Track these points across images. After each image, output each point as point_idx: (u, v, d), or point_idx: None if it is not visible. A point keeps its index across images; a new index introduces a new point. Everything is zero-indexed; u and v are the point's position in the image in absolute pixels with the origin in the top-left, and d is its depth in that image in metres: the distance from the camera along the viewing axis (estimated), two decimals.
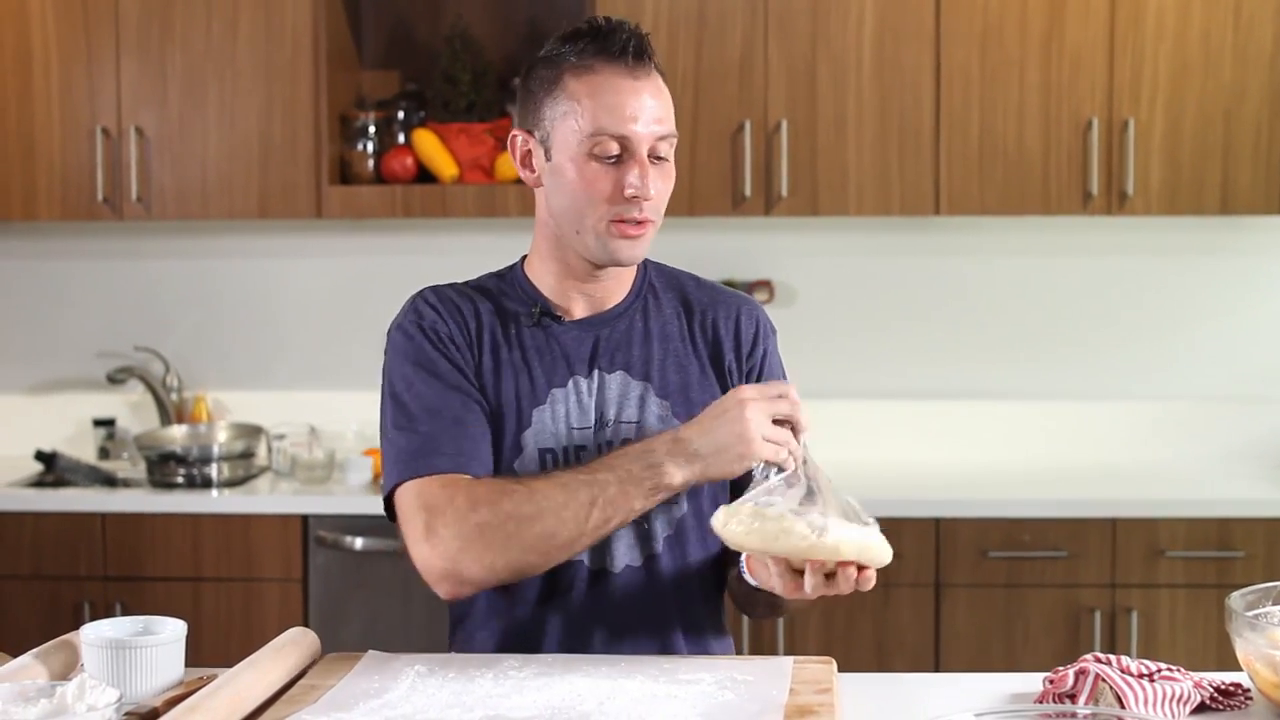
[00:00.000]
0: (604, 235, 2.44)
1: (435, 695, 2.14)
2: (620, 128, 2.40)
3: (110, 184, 4.84)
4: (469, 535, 2.29)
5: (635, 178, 2.40)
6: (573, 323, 2.54)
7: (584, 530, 2.29)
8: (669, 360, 2.56)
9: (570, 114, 2.43)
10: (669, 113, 2.46)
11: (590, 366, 2.52)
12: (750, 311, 2.65)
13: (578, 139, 2.42)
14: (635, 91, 2.41)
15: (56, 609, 4.61)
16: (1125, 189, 4.66)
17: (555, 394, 2.50)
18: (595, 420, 2.51)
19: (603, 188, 2.42)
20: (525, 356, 2.51)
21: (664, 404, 2.53)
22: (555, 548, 2.30)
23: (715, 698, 2.12)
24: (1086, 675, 2.11)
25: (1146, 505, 4.49)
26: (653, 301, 2.61)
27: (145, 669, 2.17)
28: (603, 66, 2.42)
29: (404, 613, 4.60)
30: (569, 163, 2.44)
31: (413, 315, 2.53)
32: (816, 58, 4.71)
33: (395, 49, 5.18)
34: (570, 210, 2.46)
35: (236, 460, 4.85)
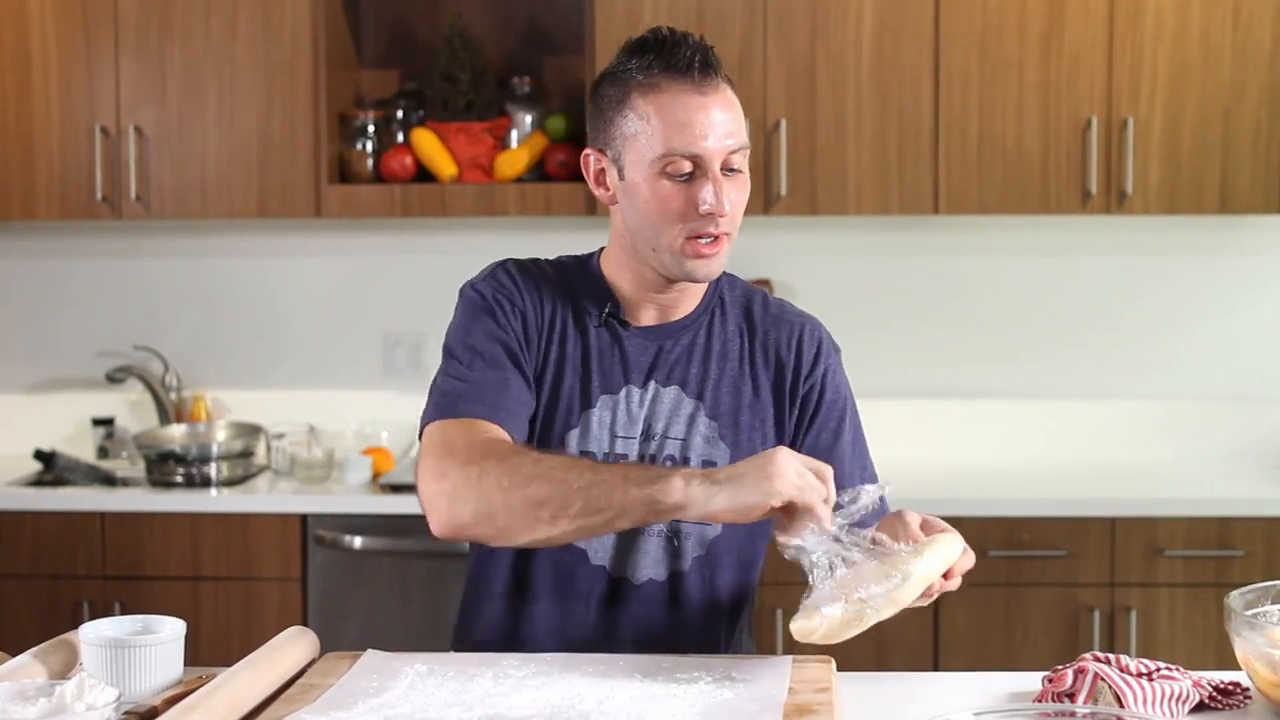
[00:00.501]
0: (679, 254, 2.43)
1: (434, 694, 2.14)
2: (691, 147, 2.38)
3: (109, 183, 4.84)
4: (470, 477, 2.26)
5: (709, 194, 2.39)
6: (638, 329, 2.54)
7: (569, 511, 2.21)
8: (724, 380, 2.56)
9: (640, 134, 2.42)
10: (740, 124, 2.44)
11: (647, 377, 2.52)
12: (813, 332, 2.63)
13: (649, 159, 2.41)
14: (703, 108, 2.40)
15: (55, 608, 4.61)
16: (1124, 188, 4.66)
17: (605, 400, 2.50)
18: (642, 431, 2.51)
19: (676, 206, 2.40)
20: (587, 356, 2.52)
21: (712, 425, 2.54)
22: (538, 519, 2.22)
23: (714, 696, 2.12)
24: (1085, 674, 2.11)
25: (1145, 504, 4.49)
26: (719, 317, 2.60)
27: (144, 668, 2.17)
28: (669, 83, 2.41)
29: (403, 612, 4.60)
30: (642, 182, 2.43)
31: (491, 281, 2.54)
32: (815, 57, 4.71)
33: (394, 48, 5.18)
34: (646, 229, 2.45)
35: (235, 459, 4.85)
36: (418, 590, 4.59)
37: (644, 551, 2.48)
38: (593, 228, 4.94)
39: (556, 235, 5.05)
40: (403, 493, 4.61)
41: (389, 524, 4.58)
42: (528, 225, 5.07)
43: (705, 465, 2.51)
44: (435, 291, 5.22)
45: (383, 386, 5.25)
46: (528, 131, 4.98)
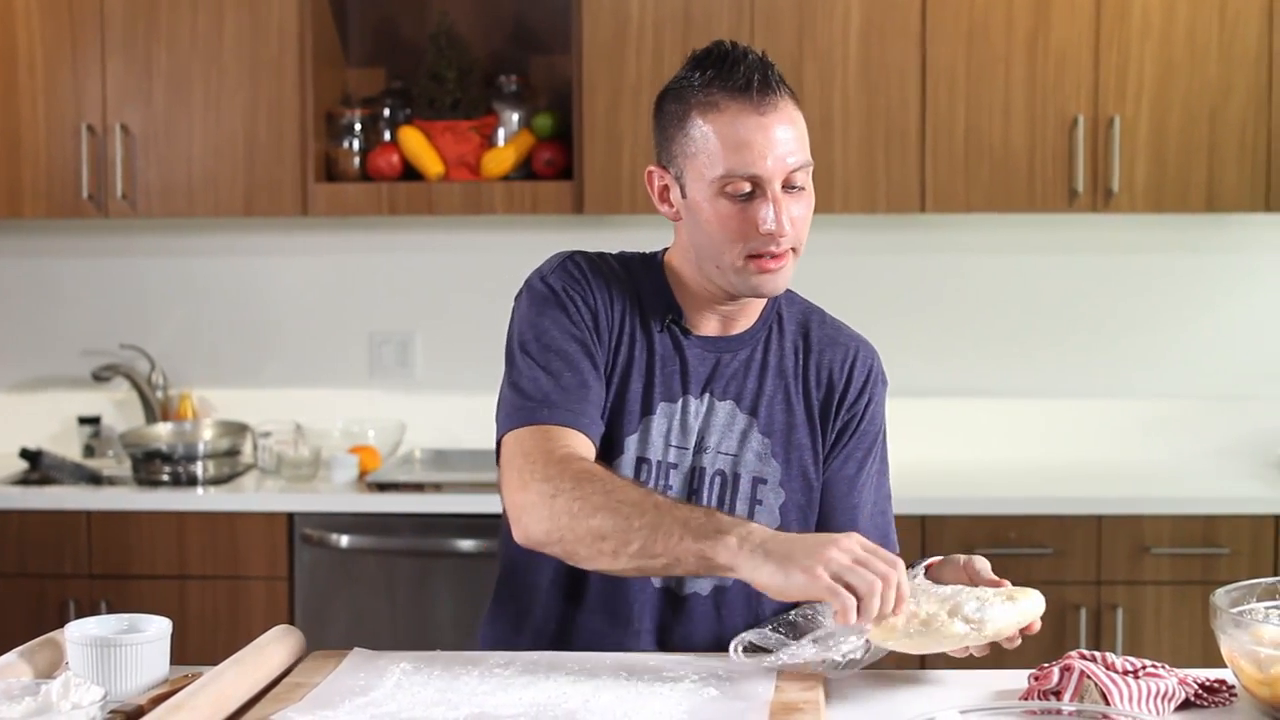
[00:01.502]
0: (742, 272, 2.42)
1: (420, 693, 2.14)
2: (750, 168, 2.37)
3: (95, 181, 4.83)
4: (545, 494, 2.25)
5: (769, 214, 2.37)
6: (699, 339, 2.54)
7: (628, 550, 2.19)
8: (778, 398, 2.56)
9: (700, 153, 2.41)
10: (802, 141, 2.43)
11: (704, 389, 2.52)
12: (865, 359, 2.64)
13: (709, 178, 2.40)
14: (763, 128, 2.38)
15: (41, 607, 4.61)
16: (1111, 186, 4.67)
17: (665, 407, 2.50)
18: (695, 444, 2.51)
19: (736, 226, 2.39)
20: (651, 362, 2.51)
21: (765, 441, 2.54)
22: (601, 551, 2.21)
23: (700, 694, 2.12)
24: (1071, 672, 2.12)
25: (1132, 502, 4.50)
26: (776, 333, 2.60)
27: (130, 667, 2.17)
28: (728, 103, 2.39)
29: (389, 610, 4.59)
30: (703, 201, 2.41)
31: (562, 273, 2.51)
32: (802, 55, 4.71)
33: (381, 46, 5.18)
34: (708, 247, 2.44)
35: (222, 458, 4.84)
36: (404, 589, 4.59)
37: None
38: (579, 226, 4.95)
39: (543, 234, 5.06)
40: (389, 491, 4.61)
41: (375, 522, 4.58)
42: (514, 224, 5.07)
43: (756, 482, 2.54)
44: (422, 290, 5.24)
45: (369, 385, 5.25)
46: (514, 130, 4.98)
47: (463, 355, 5.11)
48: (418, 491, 4.61)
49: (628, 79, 4.72)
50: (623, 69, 4.72)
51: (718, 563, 2.14)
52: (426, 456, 5.09)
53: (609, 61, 4.72)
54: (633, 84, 4.72)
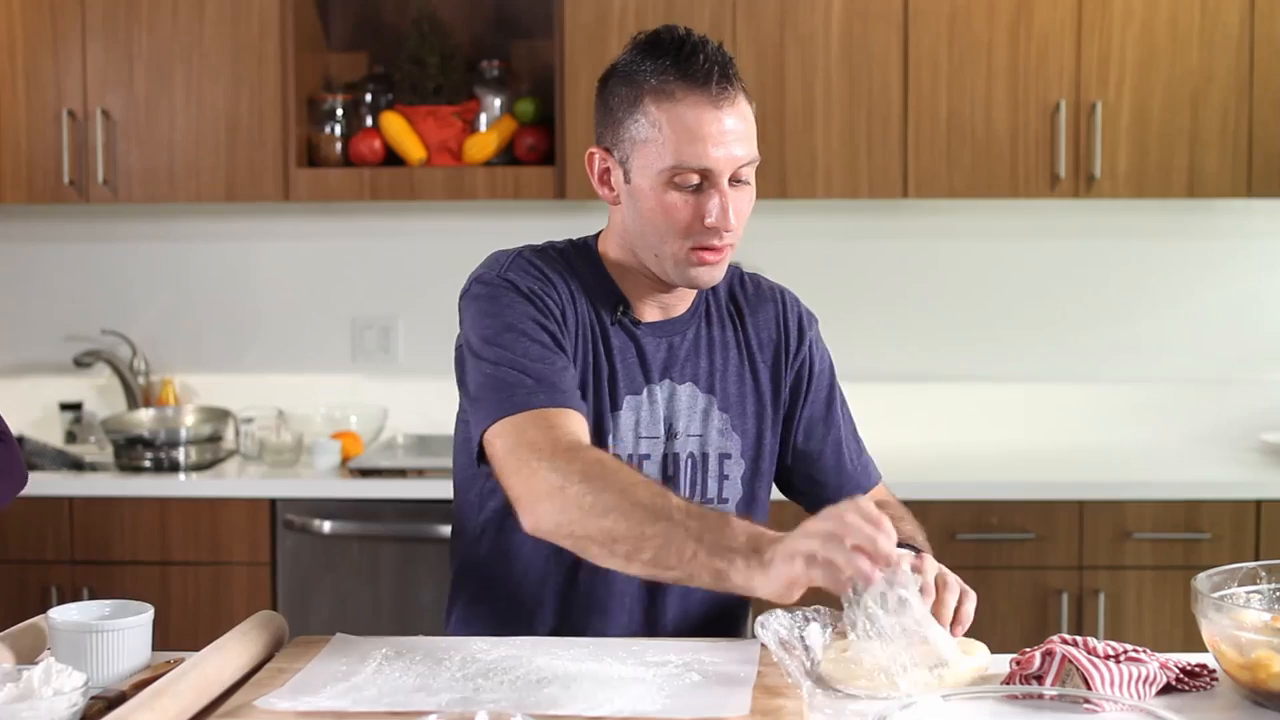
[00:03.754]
0: (682, 263, 2.41)
1: (401, 678, 2.14)
2: (701, 160, 2.35)
3: (76, 167, 4.82)
4: (554, 488, 2.16)
5: (715, 207, 2.36)
6: (648, 325, 2.52)
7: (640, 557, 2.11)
8: (729, 371, 2.57)
9: (651, 141, 2.38)
10: (751, 135, 2.42)
11: (663, 375, 2.52)
12: (793, 305, 2.67)
13: (658, 168, 2.37)
14: (718, 121, 2.36)
15: (23, 593, 4.60)
16: (1093, 172, 4.67)
17: (630, 400, 2.49)
18: (665, 431, 2.51)
19: (682, 217, 2.38)
20: (610, 356, 2.49)
21: (724, 417, 2.55)
22: (613, 553, 2.13)
23: (683, 679, 2.13)
24: (1053, 656, 2.12)
25: (1114, 487, 4.50)
26: (714, 305, 2.60)
27: (112, 653, 2.16)
28: (685, 93, 2.36)
29: (372, 596, 4.59)
30: (648, 189, 2.39)
31: (517, 269, 2.45)
32: (784, 41, 4.71)
33: (362, 31, 5.17)
34: (650, 236, 2.42)
35: (204, 444, 4.83)
36: (387, 574, 4.58)
37: None
38: (561, 211, 4.94)
39: (525, 219, 5.06)
40: (371, 477, 4.60)
41: (358, 508, 4.57)
42: (497, 209, 5.07)
43: (722, 458, 2.55)
44: (404, 275, 5.23)
45: (352, 370, 5.25)
46: (496, 115, 4.97)
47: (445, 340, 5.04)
48: (400, 477, 4.60)
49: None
50: (605, 54, 4.71)
51: (733, 583, 2.05)
52: (409, 442, 5.09)
53: (591, 46, 4.72)
54: None
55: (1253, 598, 2.24)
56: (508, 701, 2.02)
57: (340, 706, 2.01)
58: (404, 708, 2.00)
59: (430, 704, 2.01)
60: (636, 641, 2.32)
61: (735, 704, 2.01)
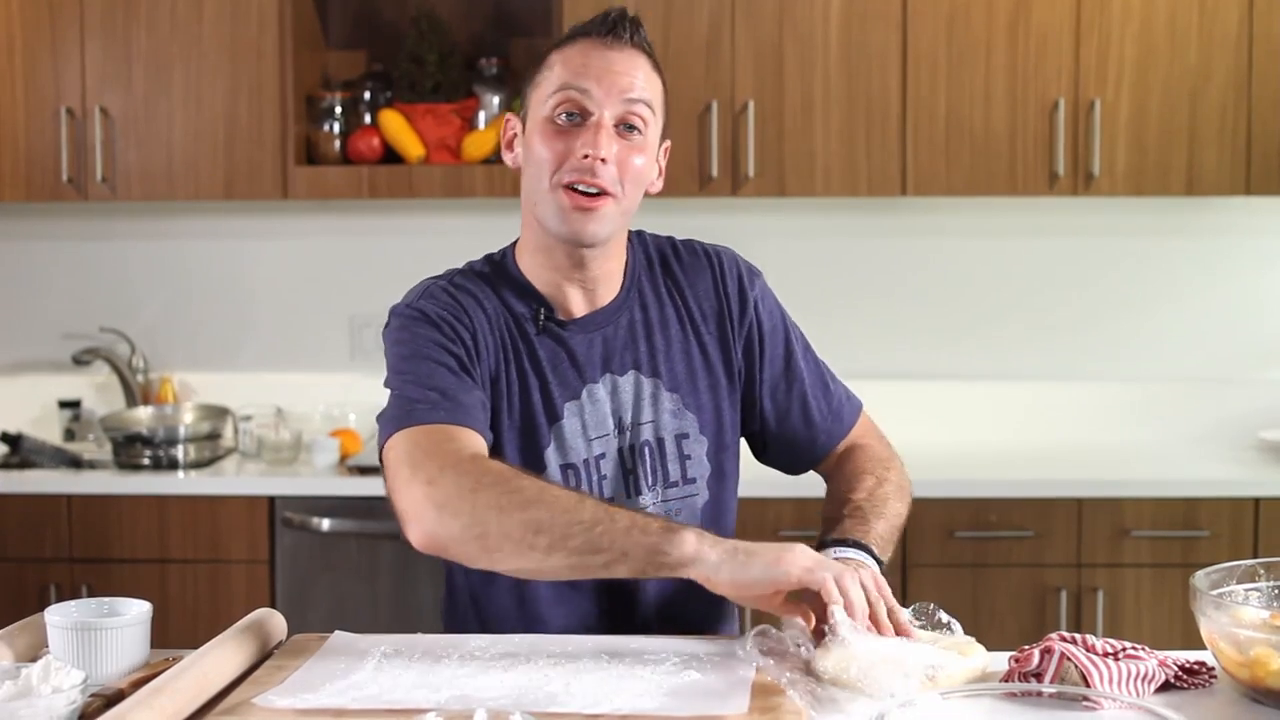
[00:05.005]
0: (560, 205, 2.38)
1: (401, 676, 2.13)
2: (580, 83, 2.36)
3: (75, 165, 4.82)
4: (463, 491, 2.16)
5: (590, 138, 2.35)
6: (575, 324, 2.49)
7: (567, 544, 2.12)
8: (673, 349, 2.54)
9: (543, 83, 2.40)
10: (649, 85, 2.41)
11: (602, 370, 2.49)
12: (730, 266, 2.62)
13: (543, 100, 2.39)
14: (604, 57, 2.38)
15: (22, 591, 4.60)
16: (1091, 170, 4.68)
17: (571, 406, 2.46)
18: (614, 426, 2.49)
19: (558, 147, 2.37)
20: (540, 369, 2.46)
21: (675, 398, 2.53)
22: (533, 546, 2.12)
23: (682, 676, 2.12)
24: (1052, 654, 2.12)
25: (1112, 485, 4.51)
26: (648, 285, 2.57)
27: (111, 650, 2.16)
28: (580, 39, 2.41)
29: (371, 594, 4.59)
30: (535, 132, 2.40)
31: (429, 299, 2.45)
32: (783, 39, 4.71)
33: (361, 29, 5.17)
34: (532, 179, 2.42)
35: (203, 442, 4.84)
36: (385, 572, 4.59)
37: None
38: None
39: None
40: (370, 475, 4.60)
41: (356, 506, 4.57)
42: (495, 206, 5.06)
43: (679, 438, 2.53)
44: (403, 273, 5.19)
45: (350, 369, 5.25)
46: (495, 113, 4.97)
47: None
48: None
49: None
50: None
51: (675, 555, 2.10)
52: None
53: None
54: None
55: (1251, 595, 2.24)
56: (507, 699, 2.02)
57: (339, 704, 2.00)
58: (403, 705, 1.99)
59: (429, 701, 2.01)
60: (635, 639, 2.31)
61: (734, 702, 2.01)
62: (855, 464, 2.63)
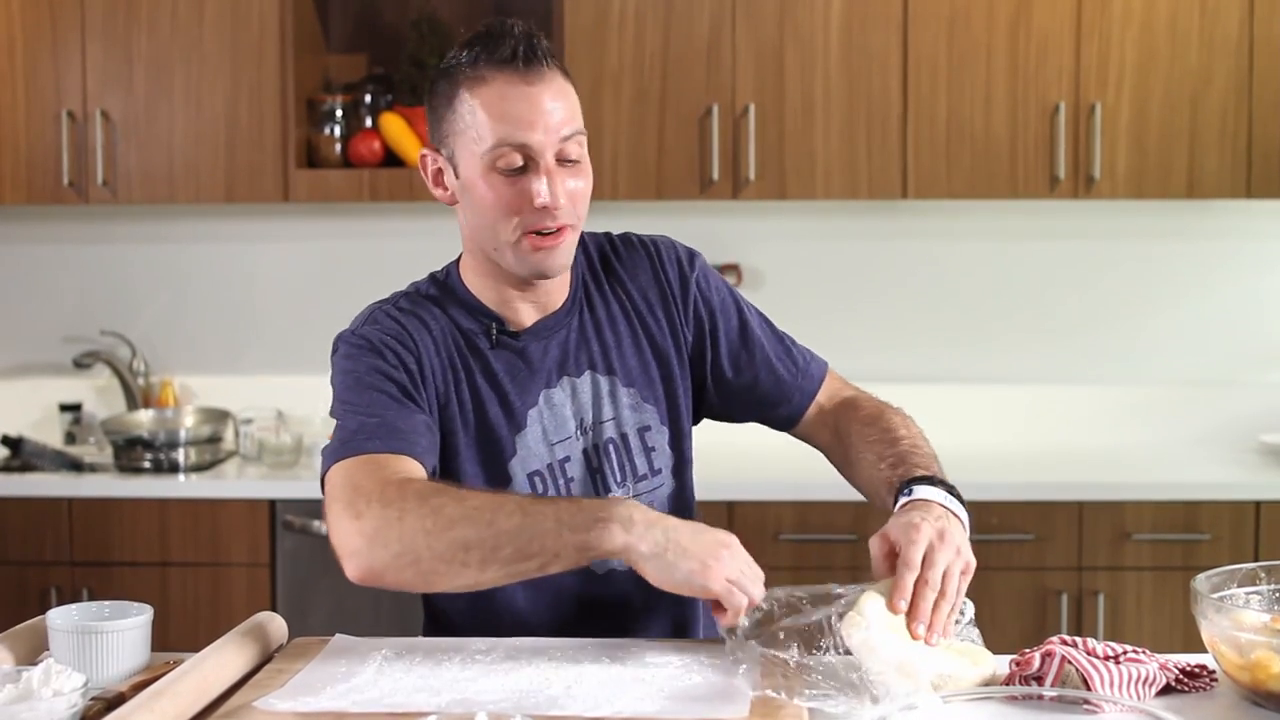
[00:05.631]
0: (520, 251, 2.37)
1: (402, 679, 2.13)
2: (519, 136, 2.32)
3: (76, 168, 4.82)
4: (389, 518, 2.15)
5: (543, 187, 2.32)
6: (527, 333, 2.48)
7: (498, 555, 2.12)
8: (624, 344, 2.54)
9: (469, 129, 2.35)
10: (573, 111, 2.38)
11: (559, 375, 2.49)
12: (667, 253, 2.61)
13: (479, 153, 2.34)
14: (530, 98, 2.33)
15: (23, 594, 4.60)
16: (1092, 173, 4.68)
17: (532, 414, 2.46)
18: (575, 427, 2.49)
19: (509, 200, 2.34)
20: (497, 382, 2.45)
21: (632, 392, 2.53)
22: (465, 564, 2.13)
23: (683, 681, 2.12)
24: (1053, 657, 2.12)
25: (1113, 488, 4.50)
26: (592, 285, 2.56)
27: (111, 654, 2.16)
28: (494, 75, 2.33)
29: (372, 597, 4.59)
30: (476, 179, 2.37)
31: (372, 325, 2.45)
32: (784, 42, 4.71)
33: (362, 33, 5.17)
34: (484, 228, 2.40)
35: (204, 445, 4.84)
36: None
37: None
38: None
39: None
40: None
41: None
42: None
43: (642, 431, 2.53)
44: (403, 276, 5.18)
45: None
46: None
47: None
48: None
49: (609, 65, 4.72)
50: (604, 55, 4.72)
51: (603, 549, 2.11)
52: None
53: (590, 48, 4.72)
54: (614, 70, 4.72)
55: (1252, 598, 2.24)
56: (508, 703, 2.02)
57: (340, 707, 2.00)
58: (404, 709, 1.99)
59: (430, 705, 2.01)
60: (636, 642, 2.31)
61: (735, 705, 2.01)
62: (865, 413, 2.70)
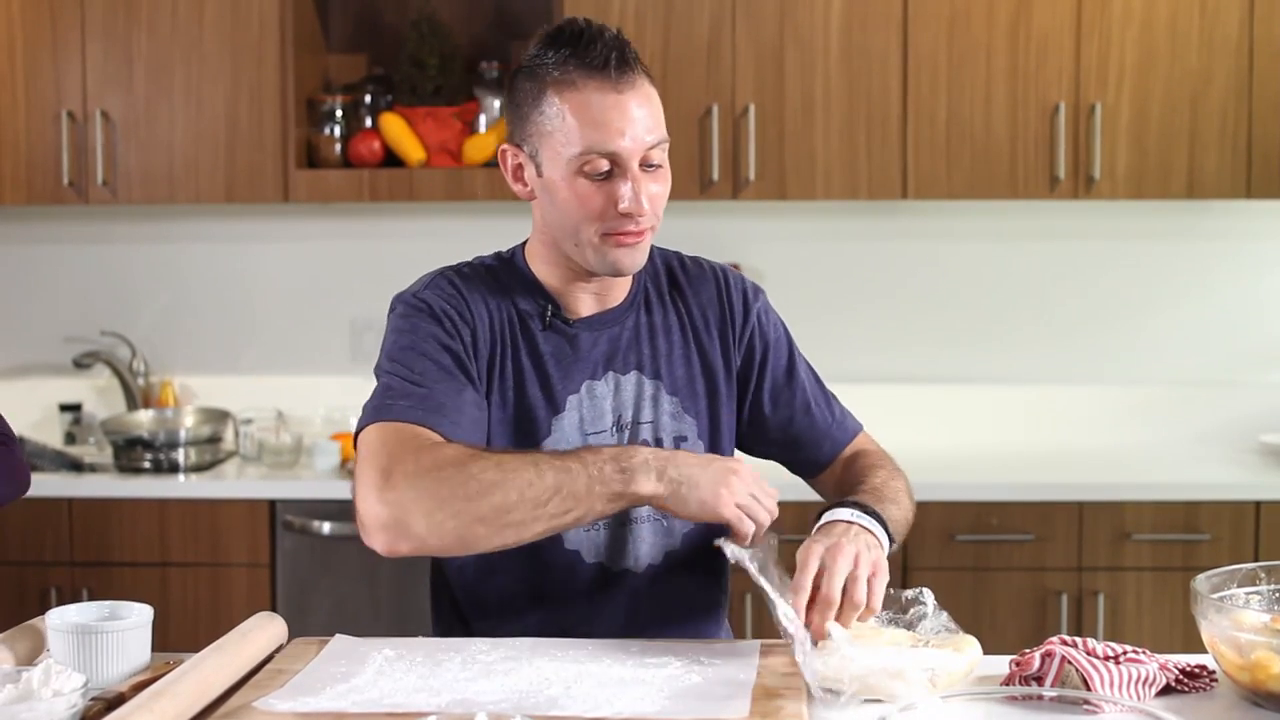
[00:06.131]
0: (601, 249, 2.40)
1: (402, 679, 2.13)
2: (608, 145, 2.34)
3: (76, 168, 4.82)
4: (426, 487, 2.18)
5: (628, 192, 2.35)
6: (581, 322, 2.51)
7: (540, 514, 2.19)
8: (675, 354, 2.56)
9: (556, 131, 2.37)
10: (658, 118, 2.40)
11: (605, 369, 2.51)
12: (735, 282, 2.66)
13: (566, 157, 2.36)
14: (620, 106, 2.35)
15: (23, 595, 4.60)
16: (1092, 173, 4.68)
17: (571, 400, 2.48)
18: (612, 423, 2.51)
19: (595, 204, 2.37)
20: (542, 363, 2.48)
21: (674, 401, 2.55)
22: (507, 524, 2.18)
23: (682, 680, 2.12)
24: (1053, 658, 2.12)
25: (1113, 489, 4.50)
26: (653, 292, 2.59)
27: (111, 654, 2.16)
28: (584, 81, 2.35)
29: (371, 597, 4.59)
30: (560, 180, 2.39)
31: (434, 290, 2.48)
32: (784, 42, 4.71)
33: (362, 32, 5.17)
34: (565, 226, 2.41)
35: (203, 445, 4.83)
36: (386, 575, 4.58)
37: (638, 538, 2.48)
38: None
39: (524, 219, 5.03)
40: None
41: None
42: (496, 210, 5.06)
43: (678, 441, 2.54)
44: (404, 276, 5.18)
45: (351, 372, 5.24)
46: (496, 116, 4.97)
47: None
48: None
49: None
50: None
51: (642, 498, 2.24)
52: None
53: None
54: None
55: (1252, 599, 2.24)
56: (507, 703, 2.02)
57: (340, 708, 2.00)
58: (404, 709, 1.99)
59: (430, 705, 2.01)
60: (636, 643, 2.31)
61: (735, 705, 2.01)
62: (864, 463, 2.67)
